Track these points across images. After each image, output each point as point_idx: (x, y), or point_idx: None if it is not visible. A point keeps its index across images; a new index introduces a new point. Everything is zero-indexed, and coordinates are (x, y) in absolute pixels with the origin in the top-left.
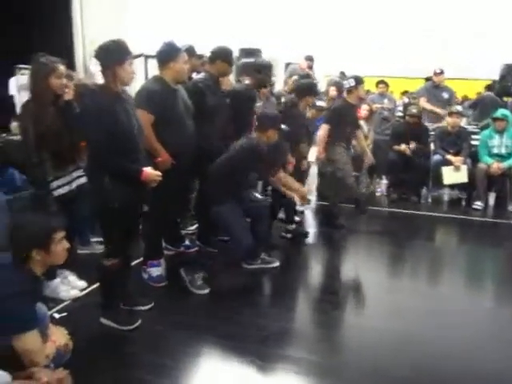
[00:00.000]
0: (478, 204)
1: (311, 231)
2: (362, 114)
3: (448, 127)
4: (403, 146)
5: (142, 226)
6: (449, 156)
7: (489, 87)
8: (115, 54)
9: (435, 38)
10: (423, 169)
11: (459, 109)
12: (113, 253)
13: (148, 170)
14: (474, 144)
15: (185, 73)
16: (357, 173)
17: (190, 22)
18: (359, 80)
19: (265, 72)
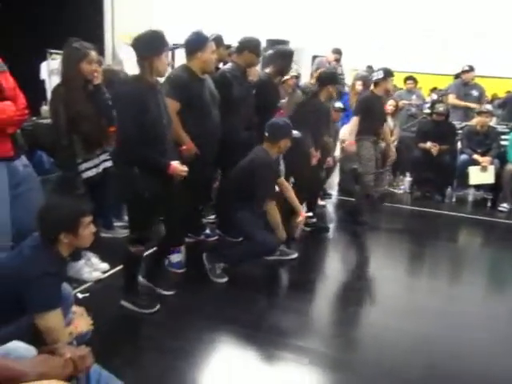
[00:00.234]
0: (505, 206)
1: (332, 226)
2: (388, 109)
3: (477, 126)
4: (429, 144)
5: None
6: (476, 156)
7: None
8: (153, 45)
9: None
10: (449, 168)
11: (489, 108)
12: (139, 240)
13: (175, 164)
14: (503, 144)
15: (212, 63)
16: (381, 169)
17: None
18: (388, 72)
19: (285, 59)
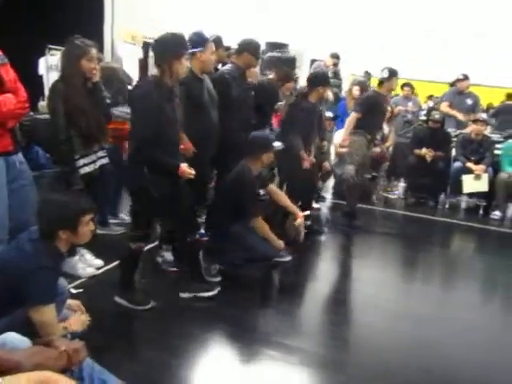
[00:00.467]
0: (497, 214)
1: (326, 229)
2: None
3: (471, 135)
4: (424, 151)
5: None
6: (469, 164)
7: (510, 96)
8: (173, 48)
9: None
10: (442, 174)
11: (484, 116)
12: (141, 237)
13: (184, 167)
14: (497, 153)
15: (212, 63)
16: (375, 173)
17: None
18: (393, 72)
19: (289, 66)
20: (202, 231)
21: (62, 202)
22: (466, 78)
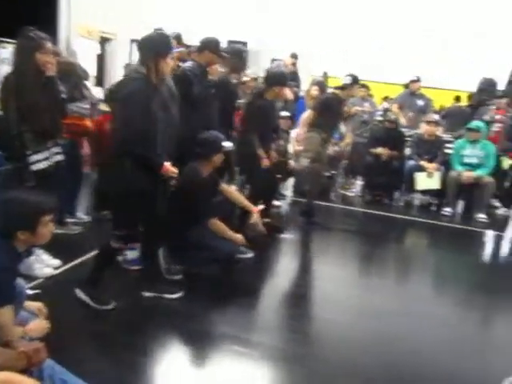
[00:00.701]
0: (448, 210)
1: (285, 226)
2: None
3: (425, 135)
4: (380, 150)
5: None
6: (423, 162)
7: (457, 98)
8: (160, 48)
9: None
10: (397, 173)
11: (436, 118)
12: (123, 237)
13: (168, 165)
14: (448, 152)
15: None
16: (334, 171)
17: (179, 11)
18: (356, 79)
19: (237, 57)
20: None
21: (21, 202)
22: (418, 79)
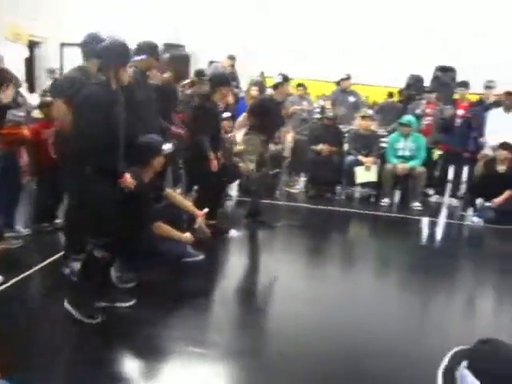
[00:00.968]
0: (385, 201)
1: (232, 226)
2: None
3: (360, 130)
4: (320, 146)
5: (64, 221)
6: (360, 157)
7: (390, 94)
8: (120, 56)
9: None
10: (338, 168)
11: (370, 113)
12: (103, 246)
13: (127, 176)
14: (383, 146)
15: None
16: (277, 169)
17: (114, 13)
18: (286, 77)
19: (182, 64)
20: None
21: None
22: (349, 77)
